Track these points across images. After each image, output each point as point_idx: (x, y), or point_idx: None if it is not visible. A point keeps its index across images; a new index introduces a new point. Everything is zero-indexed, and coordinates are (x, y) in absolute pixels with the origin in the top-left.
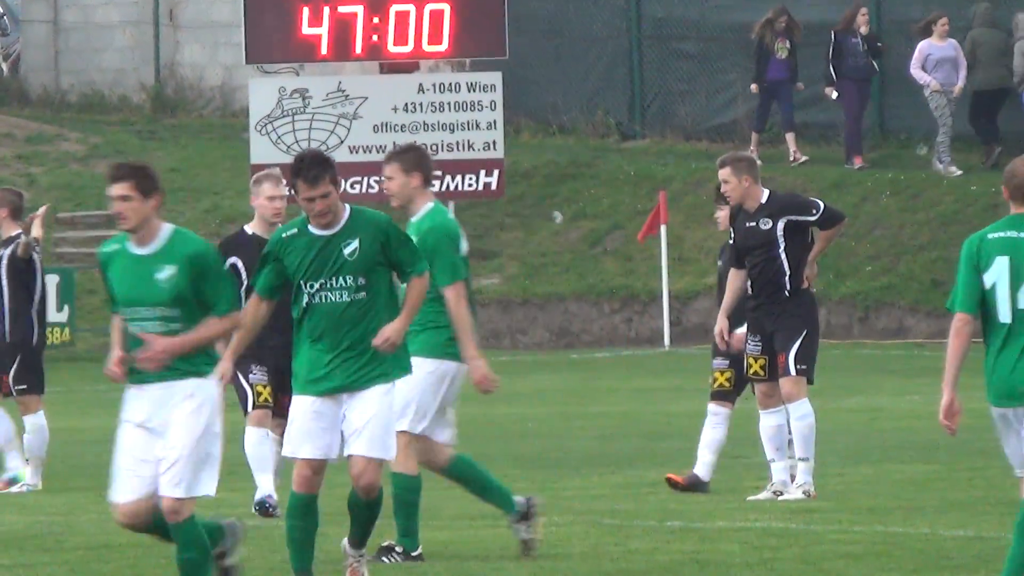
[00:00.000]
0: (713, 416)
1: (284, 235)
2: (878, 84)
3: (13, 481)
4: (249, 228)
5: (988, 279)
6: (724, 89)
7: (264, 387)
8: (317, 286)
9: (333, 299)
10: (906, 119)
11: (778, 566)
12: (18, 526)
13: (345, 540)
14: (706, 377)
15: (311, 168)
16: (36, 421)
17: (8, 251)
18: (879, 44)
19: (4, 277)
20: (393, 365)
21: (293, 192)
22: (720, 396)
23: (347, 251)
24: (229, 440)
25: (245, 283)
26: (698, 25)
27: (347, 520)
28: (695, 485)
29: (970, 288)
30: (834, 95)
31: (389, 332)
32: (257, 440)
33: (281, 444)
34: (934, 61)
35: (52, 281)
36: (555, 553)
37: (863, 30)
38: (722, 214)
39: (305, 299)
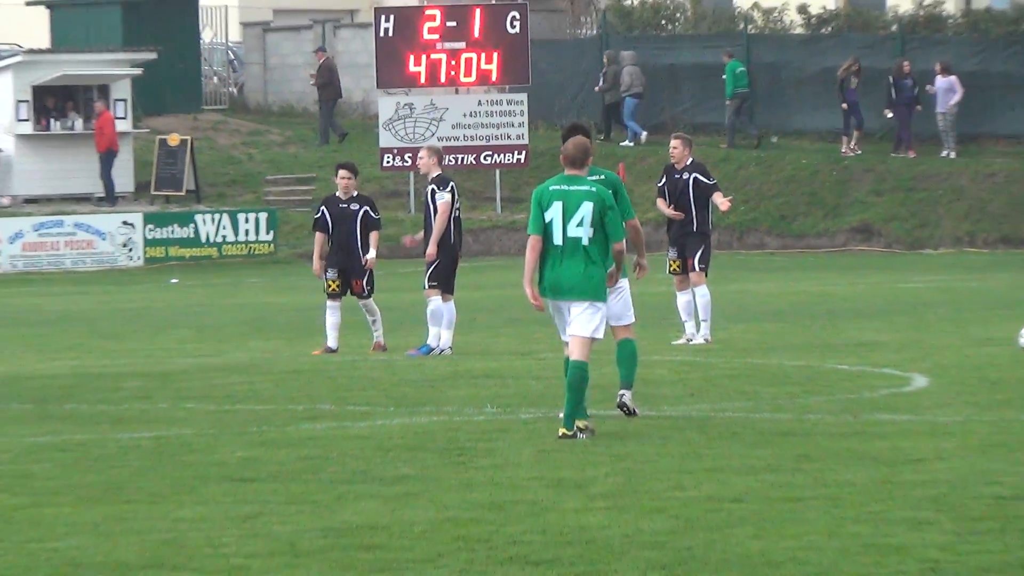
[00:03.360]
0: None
1: None
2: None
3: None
4: None
5: (548, 215)
6: (659, 101)
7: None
8: None
9: None
10: (770, 116)
11: (689, 383)
12: (217, 360)
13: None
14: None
15: None
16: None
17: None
18: None
19: None
20: None
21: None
22: (334, 296)
23: None
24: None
25: None
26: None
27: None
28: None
29: (539, 219)
30: None
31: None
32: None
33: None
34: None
35: (263, 217)
36: (552, 375)
37: None
38: None
39: None
